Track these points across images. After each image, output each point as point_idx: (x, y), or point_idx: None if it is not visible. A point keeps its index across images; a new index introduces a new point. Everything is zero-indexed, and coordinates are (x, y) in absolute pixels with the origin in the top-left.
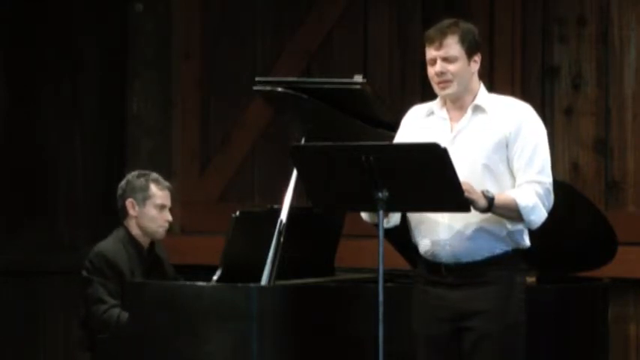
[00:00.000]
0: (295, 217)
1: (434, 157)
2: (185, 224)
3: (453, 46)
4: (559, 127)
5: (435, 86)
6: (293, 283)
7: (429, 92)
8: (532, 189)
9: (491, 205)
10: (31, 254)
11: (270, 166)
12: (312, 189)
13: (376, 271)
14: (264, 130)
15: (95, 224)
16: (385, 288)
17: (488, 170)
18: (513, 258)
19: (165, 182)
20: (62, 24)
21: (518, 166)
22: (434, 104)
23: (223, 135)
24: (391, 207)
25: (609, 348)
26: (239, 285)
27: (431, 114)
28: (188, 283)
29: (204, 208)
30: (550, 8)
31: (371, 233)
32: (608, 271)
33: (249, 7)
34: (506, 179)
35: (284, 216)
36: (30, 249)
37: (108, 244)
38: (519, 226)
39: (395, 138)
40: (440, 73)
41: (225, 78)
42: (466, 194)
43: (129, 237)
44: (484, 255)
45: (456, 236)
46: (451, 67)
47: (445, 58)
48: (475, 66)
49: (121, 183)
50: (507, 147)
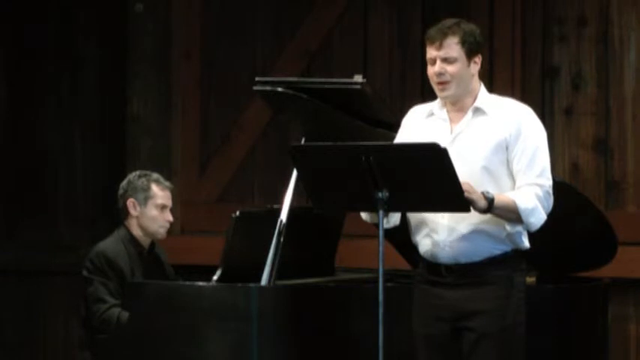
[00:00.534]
0: (295, 217)
1: (434, 157)
2: (185, 224)
3: (453, 47)
4: (559, 127)
5: (434, 86)
6: (293, 283)
7: (430, 92)
8: (532, 191)
9: (490, 206)
10: (31, 254)
11: (270, 166)
12: (311, 189)
13: (376, 271)
14: (264, 130)
15: (95, 224)
16: (385, 288)
17: (487, 172)
18: (513, 258)
19: (166, 182)
20: (62, 24)
21: (518, 169)
22: (434, 105)
23: (223, 135)
24: (391, 207)
25: (609, 348)
26: (239, 285)
27: (431, 115)
28: (188, 283)
29: (203, 208)
30: (550, 8)
31: (371, 233)
32: (608, 271)
33: (249, 7)
34: (505, 181)
35: (284, 216)
36: (30, 249)
37: (108, 244)
38: (518, 228)
39: (395, 139)
40: (438, 74)
41: (225, 78)
42: (466, 194)
43: (129, 237)
44: (483, 256)
45: (456, 237)
46: (450, 68)
47: (444, 59)
48: (475, 67)
49: (122, 183)
50: (507, 149)
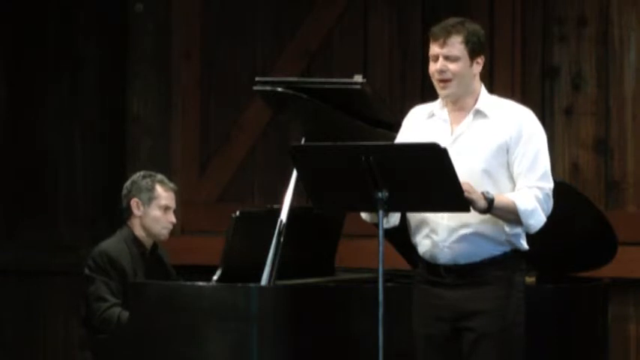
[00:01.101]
0: (295, 217)
1: (434, 157)
2: (185, 224)
3: (457, 46)
4: (559, 127)
5: (436, 84)
6: (293, 283)
7: (429, 92)
8: (532, 193)
9: (490, 207)
10: (31, 254)
11: (270, 166)
12: (311, 189)
13: (376, 271)
14: (264, 130)
15: (95, 224)
16: (385, 288)
17: (487, 175)
18: (513, 259)
19: (170, 184)
20: (62, 24)
21: (518, 172)
22: (435, 105)
23: (223, 135)
24: (391, 207)
25: (609, 348)
26: (239, 285)
27: (432, 116)
28: (188, 283)
29: (203, 208)
30: (550, 8)
31: (371, 233)
32: (608, 271)
33: (249, 7)
34: (505, 183)
35: (284, 216)
36: (30, 249)
37: (111, 243)
38: (518, 230)
39: (396, 139)
40: (440, 71)
41: (225, 78)
42: (466, 194)
43: (132, 237)
44: (483, 257)
45: (455, 239)
46: (452, 67)
47: (447, 57)
48: (477, 68)
49: (127, 183)
50: (508, 152)
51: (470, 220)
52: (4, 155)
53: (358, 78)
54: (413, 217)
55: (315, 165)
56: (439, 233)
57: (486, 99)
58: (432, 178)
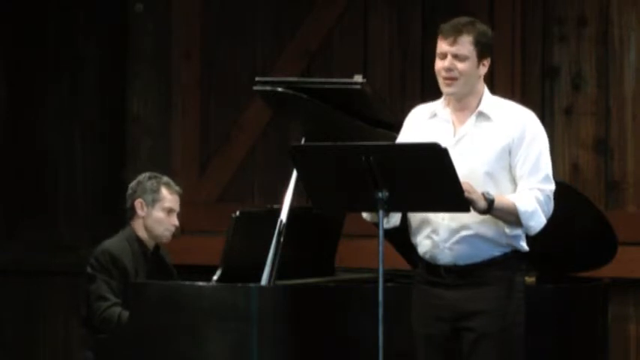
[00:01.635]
0: (295, 217)
1: (434, 157)
2: (185, 224)
3: (466, 46)
4: (559, 127)
5: (441, 81)
6: (293, 283)
7: (429, 92)
8: (533, 195)
9: (490, 207)
10: (31, 254)
11: (270, 166)
12: (311, 189)
13: (376, 271)
14: (264, 130)
15: (95, 224)
16: (385, 288)
17: (490, 177)
18: (513, 259)
19: (176, 187)
20: (62, 24)
21: (520, 174)
22: (437, 104)
23: (223, 135)
24: (391, 207)
25: (609, 348)
26: (239, 285)
27: (434, 116)
28: (188, 283)
29: (203, 208)
30: (550, 8)
31: (371, 233)
32: (608, 271)
33: (249, 7)
34: (507, 185)
35: (284, 216)
36: (30, 249)
37: (114, 242)
38: (517, 231)
39: (397, 138)
40: (448, 69)
41: (225, 78)
42: (466, 194)
43: (135, 237)
44: (483, 257)
45: (456, 239)
46: (460, 66)
47: (456, 55)
48: (483, 69)
49: (132, 183)
50: (510, 154)
51: (470, 222)
52: (4, 155)
53: (358, 78)
54: (414, 218)
55: (315, 165)
56: (440, 234)
57: (489, 100)
58: (433, 178)
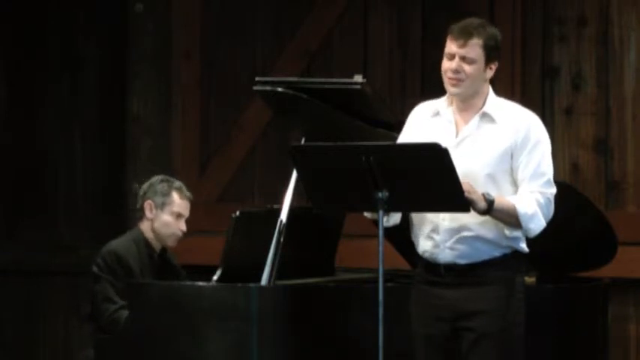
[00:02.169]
0: (295, 217)
1: (434, 157)
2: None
3: (476, 49)
4: (559, 127)
5: (446, 81)
6: (293, 283)
7: (429, 92)
8: (533, 197)
9: (490, 208)
10: (31, 254)
11: (270, 166)
12: (311, 189)
13: (376, 271)
14: (264, 130)
15: (95, 224)
16: (385, 288)
17: (491, 179)
18: (512, 260)
19: (187, 192)
20: (62, 24)
21: (522, 177)
22: (440, 103)
23: (223, 135)
24: (391, 207)
25: (609, 348)
26: (239, 285)
27: (437, 115)
28: (188, 283)
29: (203, 208)
30: (550, 8)
31: (371, 233)
32: (608, 271)
33: (249, 7)
34: (508, 188)
35: (284, 216)
36: (30, 249)
37: (120, 243)
38: (517, 233)
39: (399, 136)
40: (455, 71)
41: (225, 78)
42: (466, 194)
43: (142, 238)
44: (483, 258)
45: (455, 240)
46: (467, 68)
47: (464, 58)
48: (490, 73)
49: (144, 185)
50: (512, 157)
51: (471, 223)
52: (4, 155)
53: (358, 78)
54: (415, 217)
55: (315, 165)
56: (440, 234)
57: (494, 101)
58: (433, 178)
